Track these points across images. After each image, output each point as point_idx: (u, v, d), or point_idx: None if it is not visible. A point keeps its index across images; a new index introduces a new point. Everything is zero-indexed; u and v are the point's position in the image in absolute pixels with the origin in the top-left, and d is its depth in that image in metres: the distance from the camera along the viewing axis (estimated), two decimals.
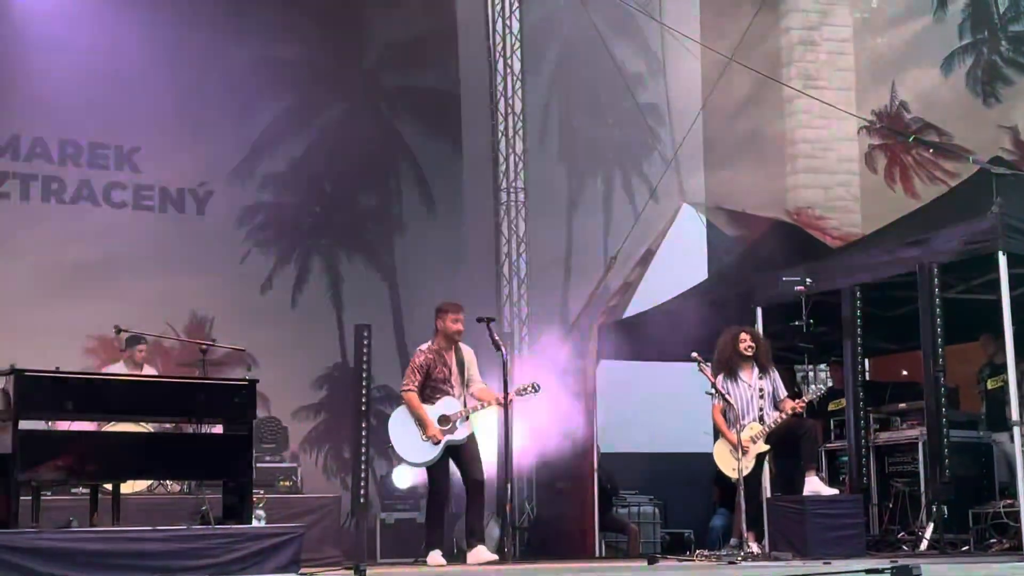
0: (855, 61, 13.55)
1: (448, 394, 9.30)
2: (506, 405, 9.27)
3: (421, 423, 9.16)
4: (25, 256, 12.81)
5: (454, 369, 9.37)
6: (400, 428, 9.28)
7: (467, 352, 9.50)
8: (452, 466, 9.45)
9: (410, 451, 9.25)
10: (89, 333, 12.61)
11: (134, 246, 13.30)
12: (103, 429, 9.37)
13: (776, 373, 9.84)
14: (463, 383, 9.41)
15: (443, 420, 9.19)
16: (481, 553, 9.20)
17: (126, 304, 11.72)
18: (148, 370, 11.19)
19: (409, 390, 9.31)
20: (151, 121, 13.56)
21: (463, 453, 9.31)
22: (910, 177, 12.58)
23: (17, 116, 13.11)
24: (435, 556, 9.21)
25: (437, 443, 9.12)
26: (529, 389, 9.51)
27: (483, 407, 9.36)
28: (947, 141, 12.16)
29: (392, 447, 9.39)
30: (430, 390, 9.32)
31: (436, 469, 9.31)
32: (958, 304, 10.13)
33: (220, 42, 14.05)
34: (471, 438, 9.36)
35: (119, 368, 10.92)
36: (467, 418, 9.29)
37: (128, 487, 9.09)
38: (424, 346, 9.48)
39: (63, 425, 8.96)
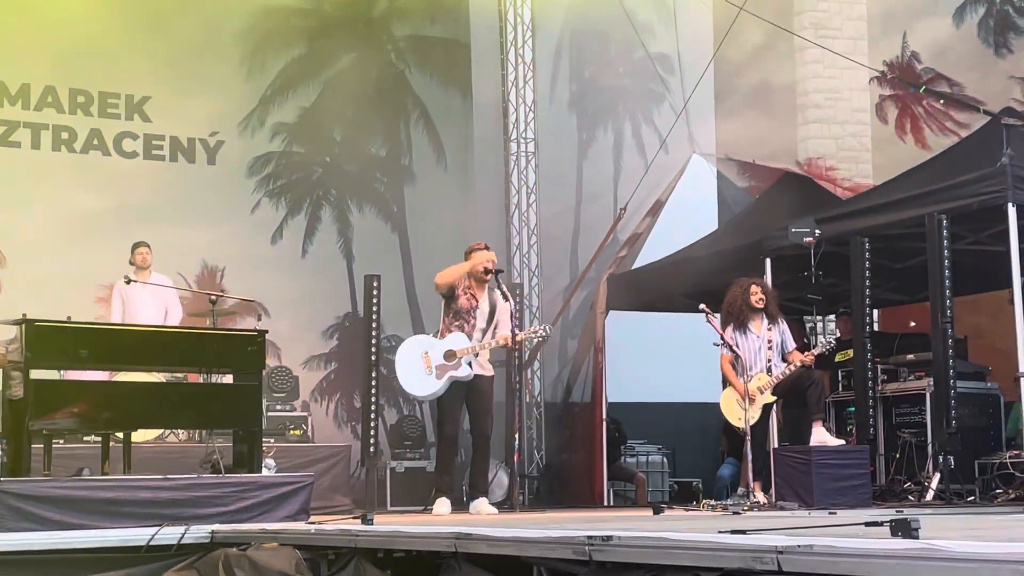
0: (867, 11, 13.46)
1: (466, 327, 9.23)
2: (513, 341, 9.24)
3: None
4: (36, 206, 12.84)
5: (483, 309, 9.30)
6: (405, 360, 9.28)
7: (502, 302, 9.42)
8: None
9: (413, 383, 9.26)
10: (100, 283, 12.66)
11: (145, 196, 13.31)
12: (114, 379, 9.45)
13: (785, 325, 9.88)
14: (491, 324, 9.33)
15: (449, 355, 9.14)
16: (482, 506, 9.22)
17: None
18: (158, 277, 11.22)
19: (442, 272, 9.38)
20: (161, 71, 13.54)
21: (476, 404, 9.32)
22: (921, 128, 12.53)
23: (27, 65, 13.09)
24: (441, 504, 9.22)
25: (430, 368, 9.08)
26: (541, 332, 9.64)
27: (493, 344, 9.29)
28: (958, 92, 12.10)
29: (396, 378, 9.43)
30: (453, 314, 9.29)
31: (446, 413, 9.33)
32: (967, 255, 10.13)
33: None
34: (485, 385, 9.34)
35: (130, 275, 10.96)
36: (476, 355, 9.23)
37: (139, 436, 9.18)
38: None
39: (74, 375, 9.04)
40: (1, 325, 7.85)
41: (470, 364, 9.20)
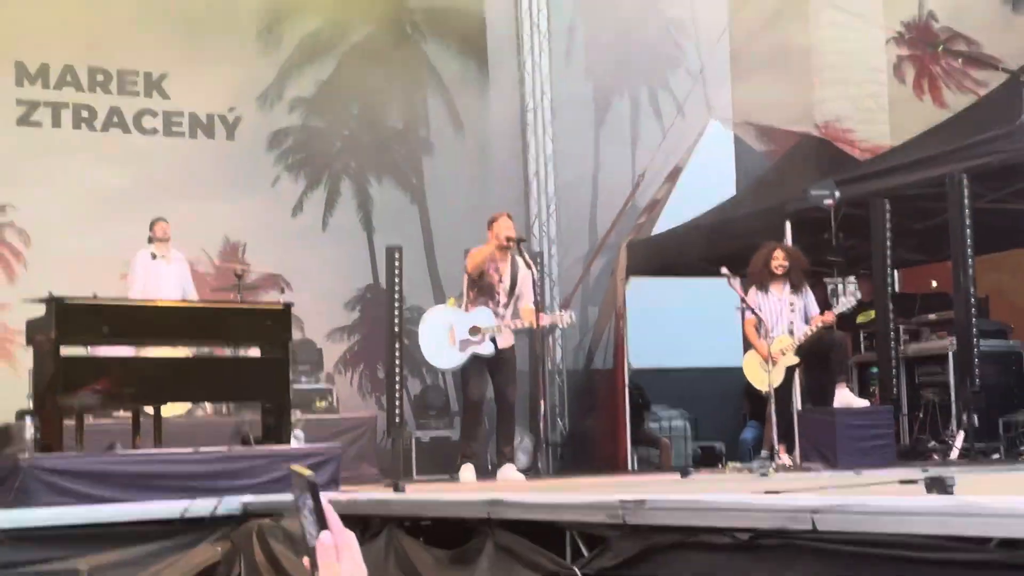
0: None
1: (491, 302, 9.23)
2: (537, 325, 9.24)
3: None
4: (58, 185, 12.91)
5: (506, 279, 9.29)
6: (428, 330, 9.28)
7: (524, 269, 9.42)
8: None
9: (436, 354, 9.26)
10: (125, 259, 12.73)
11: (165, 172, 13.38)
12: (141, 354, 9.52)
13: (809, 291, 9.88)
14: (513, 295, 9.33)
15: (473, 330, 9.13)
16: (509, 472, 9.24)
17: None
18: (176, 253, 11.28)
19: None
20: (179, 47, 13.58)
21: (500, 371, 9.30)
22: (939, 87, 12.49)
23: (45, 45, 13.14)
24: (466, 471, 9.22)
25: (454, 341, 9.07)
26: (567, 319, 9.61)
27: (519, 327, 9.31)
28: (976, 50, 12.05)
29: (419, 347, 9.41)
30: (478, 290, 9.29)
31: (471, 380, 9.30)
32: (988, 214, 10.12)
33: None
34: (509, 354, 9.32)
35: (146, 251, 11.02)
36: (500, 331, 9.22)
37: (168, 410, 9.24)
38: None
39: (102, 351, 9.11)
40: (28, 303, 7.93)
41: (494, 340, 9.20)
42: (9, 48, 13.03)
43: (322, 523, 1.99)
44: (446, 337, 9.15)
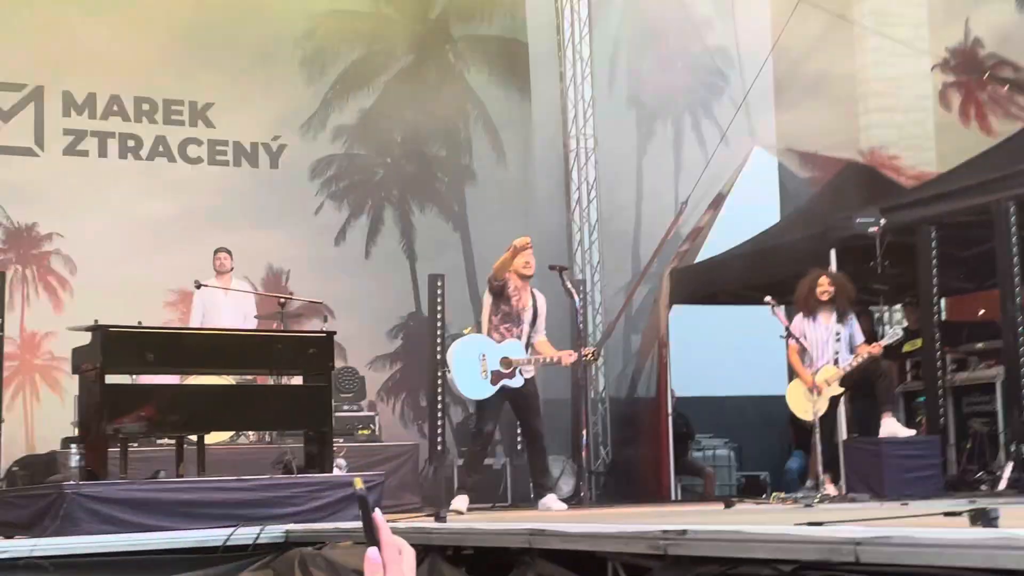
0: None
1: (515, 332, 9.09)
2: (581, 359, 9.19)
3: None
4: (104, 213, 13.03)
5: (528, 308, 9.18)
6: (461, 359, 9.05)
7: (540, 300, 9.34)
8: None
9: (467, 384, 9.02)
10: (169, 287, 12.84)
11: (210, 201, 13.48)
12: (185, 382, 9.56)
13: (855, 319, 9.80)
14: (533, 326, 9.21)
15: (505, 363, 8.99)
16: (551, 502, 9.05)
17: (203, 258, 11.87)
18: (239, 283, 11.37)
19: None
20: (224, 77, 13.71)
21: (522, 402, 9.16)
22: (985, 114, 12.40)
23: (92, 75, 13.29)
24: (459, 501, 8.97)
25: (485, 372, 8.91)
26: (590, 356, 9.37)
27: (549, 362, 9.26)
28: (1023, 77, 11.96)
29: (450, 375, 9.17)
30: (502, 316, 9.12)
31: (487, 412, 9.14)
32: None
33: None
34: (531, 387, 9.18)
35: (211, 283, 11.11)
36: (527, 365, 9.11)
37: (211, 438, 9.27)
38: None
39: (147, 379, 9.17)
40: (74, 332, 7.99)
41: (521, 372, 9.08)
42: (57, 78, 13.18)
43: (372, 538, 1.97)
44: (478, 367, 8.98)
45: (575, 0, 14.94)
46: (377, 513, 1.99)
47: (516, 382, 9.02)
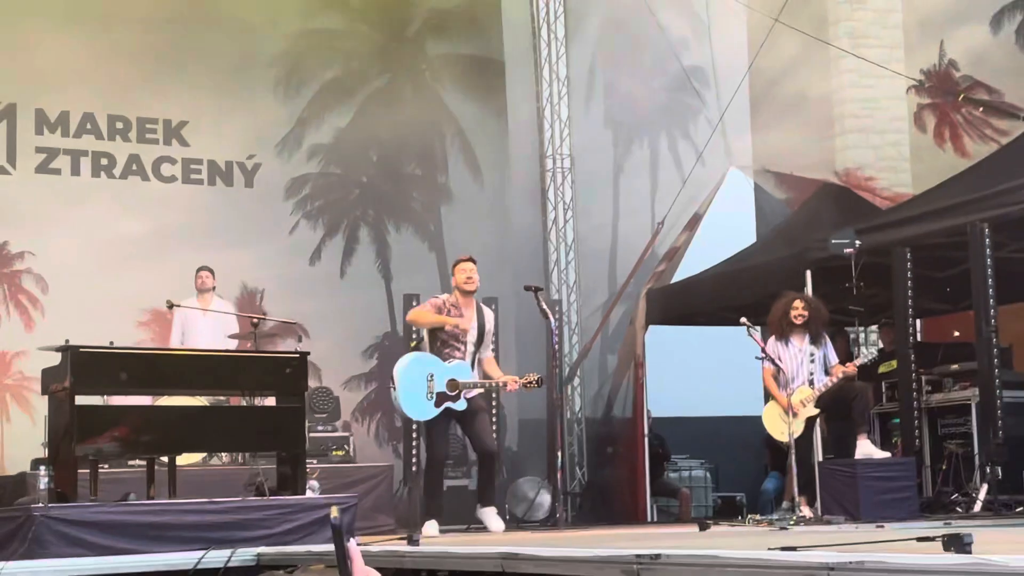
0: (903, 19, 13.38)
1: (460, 351, 8.92)
2: (525, 387, 9.06)
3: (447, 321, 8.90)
4: (77, 231, 12.94)
5: (472, 327, 9.00)
6: (407, 377, 8.82)
7: (489, 317, 9.22)
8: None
9: (411, 404, 8.81)
10: (142, 307, 12.75)
11: (184, 220, 13.41)
12: (157, 403, 9.49)
13: (829, 341, 9.80)
14: (479, 346, 9.04)
15: (452, 385, 8.80)
16: (489, 516, 8.97)
17: (177, 277, 11.82)
18: (218, 303, 11.30)
19: (417, 307, 9.26)
20: (199, 95, 13.66)
21: (472, 423, 8.97)
22: (960, 136, 12.43)
23: (65, 93, 13.22)
24: (430, 527, 8.77)
25: (431, 394, 8.72)
26: (534, 383, 9.04)
27: (493, 387, 9.29)
28: (997, 99, 12.00)
29: (394, 392, 8.87)
30: (441, 343, 8.95)
31: (435, 435, 9.00)
32: (1010, 263, 10.05)
33: (265, 14, 14.13)
34: (479, 403, 9.03)
35: (191, 302, 11.04)
36: (474, 389, 8.94)
37: (183, 459, 9.20)
38: (441, 296, 9.24)
39: (118, 399, 9.09)
40: (44, 351, 7.91)
41: (464, 395, 8.89)
42: (29, 96, 13.10)
43: (344, 569, 1.92)
44: (424, 388, 8.78)
45: (552, 19, 14.96)
46: (352, 544, 1.94)
47: (459, 405, 8.85)
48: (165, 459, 8.23)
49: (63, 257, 12.84)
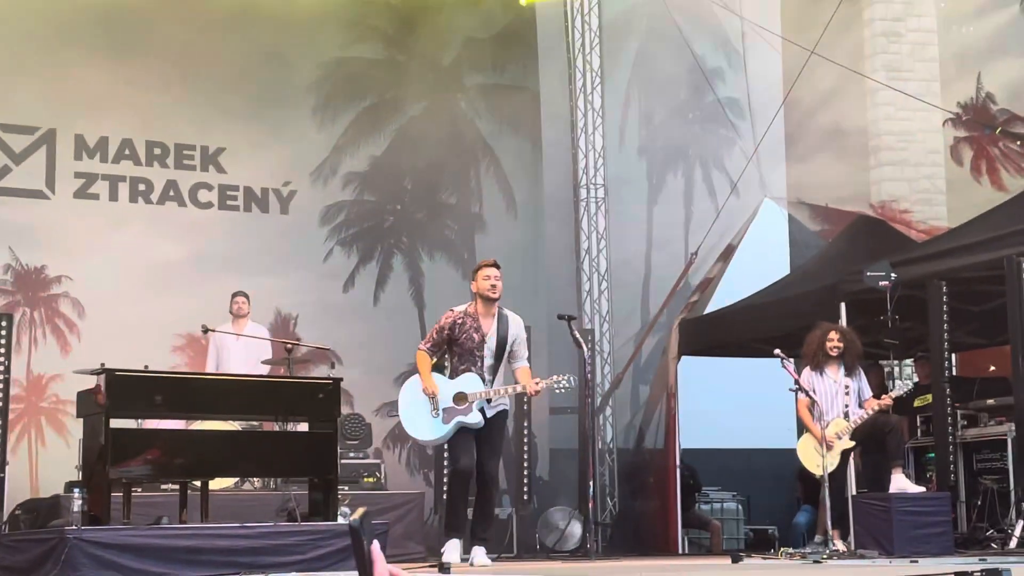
0: (939, 52, 13.37)
1: (475, 367, 8.36)
2: (534, 395, 8.52)
3: (423, 380, 8.32)
4: (114, 256, 13.03)
5: (491, 339, 8.38)
6: (408, 399, 8.42)
7: (515, 323, 8.55)
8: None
9: (415, 425, 8.38)
10: (177, 332, 12.82)
11: (220, 245, 13.49)
12: (191, 427, 9.53)
13: (863, 373, 9.75)
14: (503, 357, 8.41)
15: (459, 398, 8.27)
16: (479, 557, 8.40)
17: (212, 303, 11.89)
18: (253, 328, 11.33)
19: (420, 349, 8.52)
20: (236, 122, 13.76)
21: (484, 441, 8.37)
22: (997, 169, 12.39)
23: (104, 119, 13.33)
24: (451, 549, 8.35)
25: (436, 410, 8.22)
26: (563, 381, 8.43)
27: (511, 391, 8.47)
28: None
29: (398, 416, 8.53)
30: (458, 358, 8.41)
31: (459, 448, 8.35)
32: None
33: (302, 43, 14.23)
34: (498, 422, 8.47)
35: (226, 327, 11.08)
36: (489, 401, 8.32)
37: (216, 484, 9.23)
38: (458, 307, 8.64)
39: (152, 423, 9.13)
40: (80, 374, 7.96)
41: (482, 410, 8.32)
42: (69, 122, 13.22)
43: (362, 570, 1.89)
44: (428, 406, 8.28)
45: (587, 49, 15.01)
46: (375, 546, 1.91)
47: (473, 418, 8.27)
48: (198, 483, 8.25)
49: (100, 281, 12.93)
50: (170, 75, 13.46)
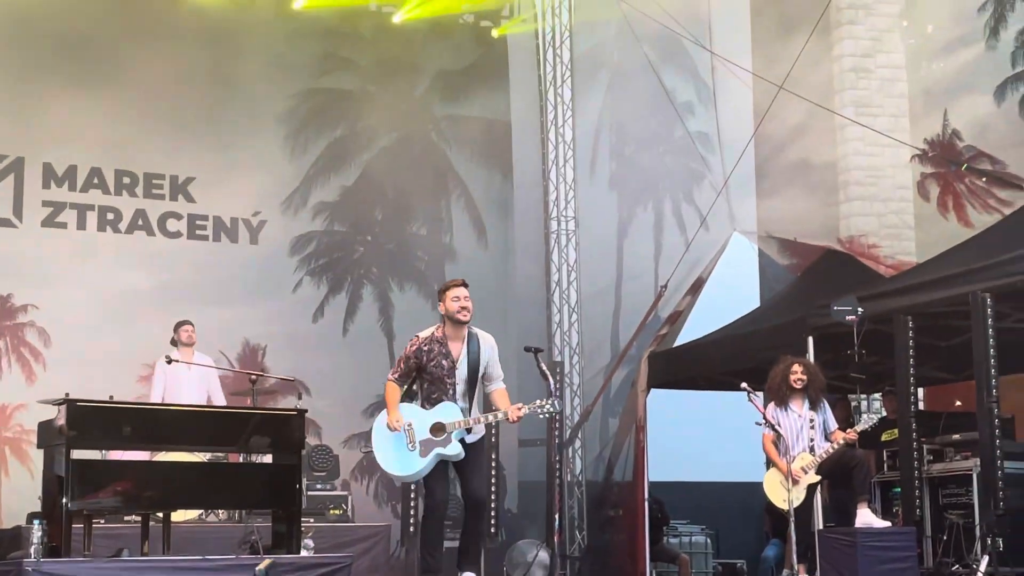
0: (908, 88, 13.45)
1: (447, 396, 7.81)
2: (535, 411, 7.86)
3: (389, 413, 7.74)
4: (81, 285, 12.97)
5: (461, 365, 7.86)
6: (380, 434, 7.80)
7: (485, 342, 8.03)
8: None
9: (391, 460, 7.76)
10: (144, 361, 12.72)
11: (188, 275, 13.45)
12: (155, 458, 9.46)
13: (827, 406, 9.76)
14: (476, 381, 7.90)
15: (437, 429, 7.72)
16: None
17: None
18: (200, 356, 11.25)
19: (388, 379, 7.95)
20: (206, 152, 13.75)
21: (466, 464, 7.85)
22: (963, 205, 12.45)
23: (73, 147, 13.29)
24: None
25: (412, 443, 7.64)
26: (547, 406, 7.90)
27: (492, 419, 7.92)
28: (1000, 169, 12.03)
29: (371, 450, 7.93)
30: (428, 385, 7.84)
31: (432, 480, 7.83)
32: (1012, 333, 10.02)
33: (273, 73, 14.23)
34: (477, 448, 7.96)
35: (172, 354, 10.99)
36: (469, 430, 7.80)
37: (178, 515, 9.17)
38: (424, 332, 8.06)
39: (116, 454, 9.06)
40: (44, 404, 7.91)
41: (462, 440, 7.78)
42: (37, 150, 13.18)
43: None
44: (404, 439, 7.67)
45: (559, 82, 15.05)
46: None
47: (452, 450, 7.75)
48: (160, 515, 8.18)
49: (67, 311, 12.86)
50: (140, 104, 13.43)
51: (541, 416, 8.05)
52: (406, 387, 7.99)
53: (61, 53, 13.19)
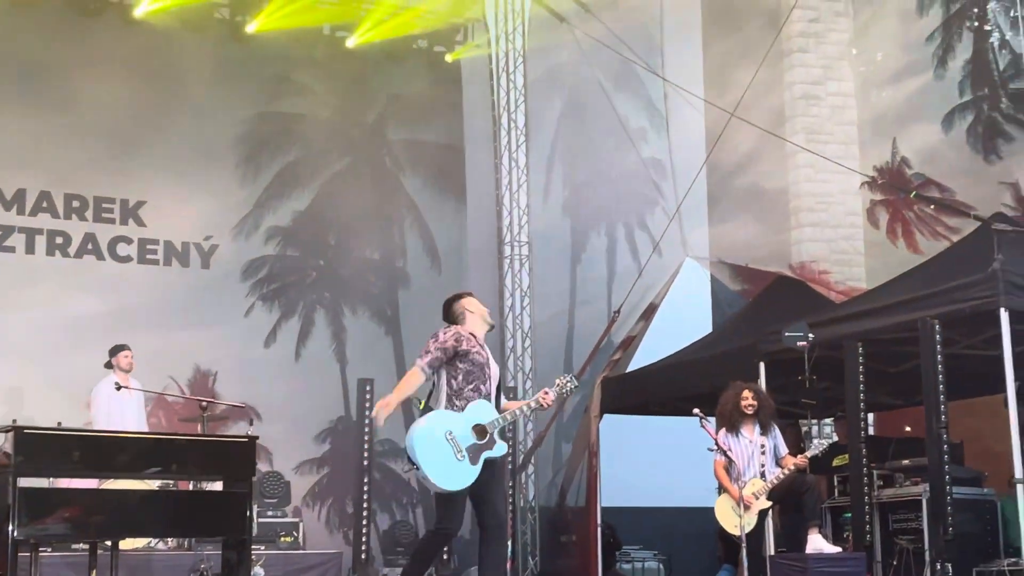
0: (857, 116, 13.60)
1: (486, 384, 7.30)
2: (562, 392, 7.52)
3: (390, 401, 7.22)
4: (29, 310, 12.85)
5: (492, 364, 7.46)
6: (426, 447, 7.03)
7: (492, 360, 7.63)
8: None
9: (443, 475, 7.02)
10: (93, 387, 12.60)
11: (139, 300, 13.35)
12: (103, 486, 9.35)
13: (778, 431, 9.79)
14: (500, 382, 7.50)
15: (479, 431, 7.17)
16: None
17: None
18: (134, 382, 11.14)
19: (417, 365, 7.32)
20: (157, 176, 13.67)
21: (491, 482, 7.25)
22: (912, 232, 12.59)
23: (22, 171, 13.18)
24: None
25: (460, 452, 7.05)
26: (568, 383, 7.57)
27: (526, 409, 7.50)
28: (948, 197, 12.18)
29: (417, 469, 7.04)
30: (464, 375, 7.29)
31: (454, 506, 7.20)
32: (961, 359, 10.09)
33: (226, 97, 14.19)
34: (501, 462, 7.45)
35: (109, 379, 10.87)
36: (504, 428, 7.33)
37: (127, 544, 9.06)
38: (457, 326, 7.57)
39: (64, 482, 8.95)
40: None
41: (502, 435, 7.35)
42: None
43: None
44: (451, 450, 7.05)
45: (512, 107, 15.10)
46: None
47: (499, 450, 7.25)
48: (108, 543, 8.09)
49: (15, 336, 12.72)
50: (90, 128, 13.35)
51: (565, 394, 7.71)
52: (423, 403, 7.41)
53: (10, 77, 13.12)
